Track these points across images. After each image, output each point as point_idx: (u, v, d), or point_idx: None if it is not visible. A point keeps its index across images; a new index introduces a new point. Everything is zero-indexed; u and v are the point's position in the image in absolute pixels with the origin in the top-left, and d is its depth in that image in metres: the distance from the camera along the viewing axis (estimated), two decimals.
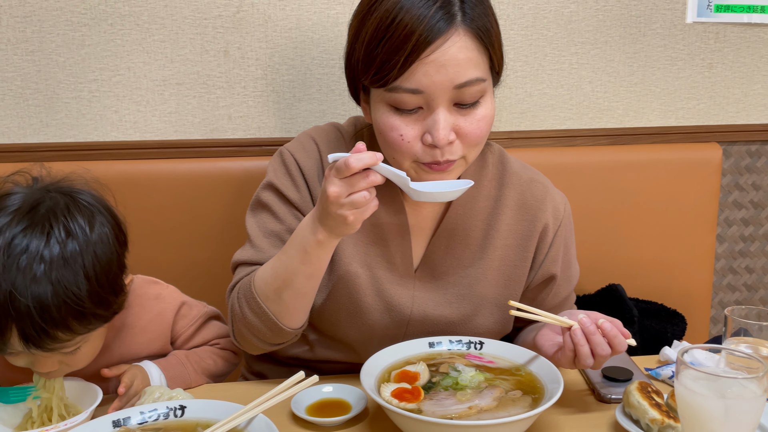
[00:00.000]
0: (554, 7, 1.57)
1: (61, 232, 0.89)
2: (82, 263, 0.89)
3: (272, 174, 1.12)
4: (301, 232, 0.97)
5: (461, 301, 1.11)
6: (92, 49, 1.46)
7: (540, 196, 1.14)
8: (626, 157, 1.62)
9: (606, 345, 0.94)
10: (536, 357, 0.99)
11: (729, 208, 1.75)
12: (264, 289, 1.00)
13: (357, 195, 0.88)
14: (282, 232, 1.09)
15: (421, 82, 0.93)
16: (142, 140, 1.51)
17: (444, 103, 0.95)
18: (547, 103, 1.62)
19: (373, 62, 0.95)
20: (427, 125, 0.95)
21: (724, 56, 1.66)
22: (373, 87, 0.98)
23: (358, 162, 0.85)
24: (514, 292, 1.14)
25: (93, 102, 1.48)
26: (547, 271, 1.14)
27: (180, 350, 1.11)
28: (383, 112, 0.98)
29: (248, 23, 1.48)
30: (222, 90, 1.51)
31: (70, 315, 0.88)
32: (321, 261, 0.98)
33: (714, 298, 1.79)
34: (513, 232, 1.12)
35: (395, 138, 0.97)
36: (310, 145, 1.12)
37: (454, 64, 0.93)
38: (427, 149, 0.97)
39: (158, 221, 1.48)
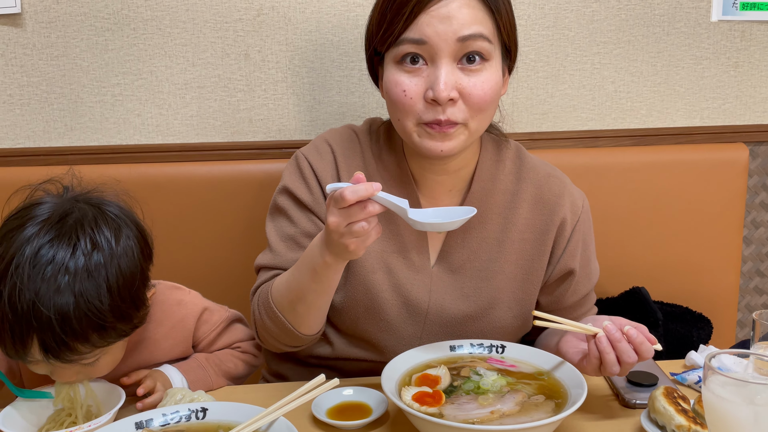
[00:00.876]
0: (576, 7, 1.55)
1: (87, 244, 0.90)
2: (106, 276, 0.90)
3: (287, 178, 1.15)
4: (311, 252, 0.98)
5: (478, 294, 1.11)
6: (115, 54, 1.47)
7: (558, 191, 1.14)
8: (650, 158, 1.59)
9: (632, 352, 0.93)
10: (559, 361, 0.98)
11: (756, 210, 1.72)
12: (280, 300, 1.04)
13: (356, 225, 0.88)
14: (297, 236, 1.12)
15: (425, 32, 0.97)
16: (164, 143, 1.52)
17: (447, 56, 0.98)
18: (569, 104, 1.61)
19: (384, 20, 1.01)
20: (430, 80, 0.99)
21: (751, 55, 1.62)
22: (384, 48, 1.02)
23: (353, 195, 0.86)
24: (533, 286, 1.14)
25: (116, 106, 1.50)
26: (565, 265, 1.14)
27: (201, 353, 1.12)
28: (391, 71, 1.02)
29: (269, 26, 1.49)
30: (243, 93, 1.52)
31: (90, 328, 0.89)
32: (330, 280, 0.99)
33: (741, 302, 1.76)
34: (530, 226, 1.13)
35: (399, 94, 1.00)
36: (324, 148, 1.14)
37: (459, 16, 0.97)
38: (429, 107, 0.99)
39: (180, 223, 1.49)
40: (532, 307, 1.15)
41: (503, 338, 1.13)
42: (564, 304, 1.17)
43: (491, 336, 1.12)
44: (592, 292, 1.21)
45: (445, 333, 1.12)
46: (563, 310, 1.18)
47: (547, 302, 1.17)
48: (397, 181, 1.12)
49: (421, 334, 1.12)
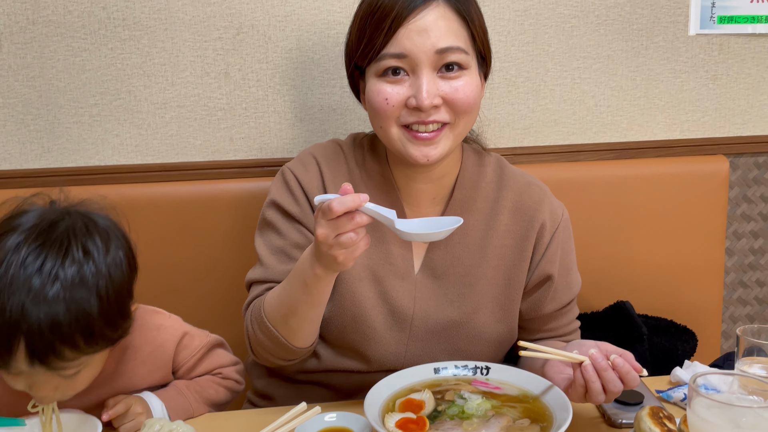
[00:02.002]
0: (555, 23, 1.56)
1: (79, 251, 0.90)
2: (96, 283, 0.90)
3: (274, 192, 1.17)
4: (301, 264, 0.99)
5: (462, 300, 1.13)
6: (93, 74, 1.45)
7: (537, 198, 1.17)
8: (632, 172, 1.60)
9: (618, 381, 0.93)
10: (545, 383, 0.97)
11: (738, 221, 1.73)
12: (272, 314, 1.05)
13: (344, 236, 0.89)
14: (286, 247, 1.13)
15: (404, 45, 1.01)
16: (143, 163, 1.50)
17: (427, 67, 1.02)
18: (550, 119, 1.61)
19: (363, 36, 1.04)
20: (412, 89, 1.02)
21: (729, 67, 1.64)
22: (365, 63, 1.05)
23: (340, 206, 0.87)
24: (515, 292, 1.15)
25: (94, 126, 1.48)
26: (543, 270, 1.15)
27: (180, 380, 1.10)
28: (373, 83, 1.05)
29: (248, 45, 1.48)
30: (223, 112, 1.50)
31: (79, 332, 0.88)
32: (321, 292, 1.00)
33: (725, 312, 1.77)
34: (511, 232, 1.15)
35: (380, 102, 1.03)
36: (309, 161, 1.16)
37: (435, 28, 1.01)
38: (413, 112, 1.02)
39: (161, 245, 1.47)
40: (516, 312, 1.16)
41: (489, 345, 1.14)
42: (543, 311, 1.18)
43: (477, 342, 1.13)
44: (574, 304, 1.22)
45: (431, 340, 1.13)
46: (543, 318, 1.19)
47: (527, 308, 1.18)
48: (381, 190, 1.14)
49: (407, 342, 1.13)
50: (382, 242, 1.13)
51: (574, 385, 0.95)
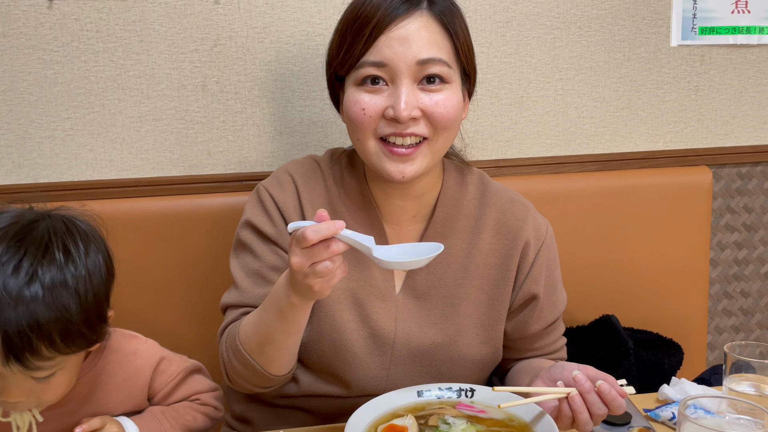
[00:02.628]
0: (537, 34, 1.55)
1: (59, 252, 0.89)
2: (76, 284, 0.89)
3: (249, 212, 1.12)
4: (277, 292, 0.95)
5: (445, 321, 1.10)
6: (65, 87, 1.41)
7: (521, 215, 1.14)
8: (615, 183, 1.59)
9: (602, 404, 0.91)
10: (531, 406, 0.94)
11: (721, 232, 1.72)
12: (248, 342, 1.01)
13: (319, 265, 0.85)
14: (262, 270, 1.09)
15: (384, 54, 0.98)
16: (118, 178, 1.46)
17: (408, 78, 0.98)
18: (533, 131, 1.59)
19: (344, 43, 1.01)
20: (390, 100, 0.99)
21: (711, 78, 1.64)
22: (345, 71, 1.02)
23: (315, 234, 0.83)
24: (499, 312, 1.12)
25: (67, 141, 1.44)
26: (528, 290, 1.12)
27: (156, 406, 1.06)
28: (352, 92, 1.02)
29: (226, 57, 1.45)
30: (200, 125, 1.47)
31: (57, 329, 0.87)
32: (298, 321, 0.97)
33: (710, 324, 1.76)
34: (494, 251, 1.12)
35: (357, 112, 1.00)
36: (285, 180, 1.13)
37: (417, 38, 0.98)
38: (389, 123, 0.99)
39: (137, 261, 1.43)
40: (500, 333, 1.13)
41: (472, 368, 1.10)
42: (529, 331, 1.15)
43: (460, 365, 1.10)
44: (560, 321, 1.19)
45: (413, 363, 1.10)
46: (529, 338, 1.16)
47: (512, 329, 1.15)
48: (360, 207, 1.11)
49: (389, 365, 1.09)
50: (361, 262, 1.09)
51: (561, 416, 0.92)
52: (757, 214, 1.73)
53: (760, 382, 1.02)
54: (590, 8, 1.55)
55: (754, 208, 1.72)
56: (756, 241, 1.74)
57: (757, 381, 1.02)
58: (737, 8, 1.61)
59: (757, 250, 1.75)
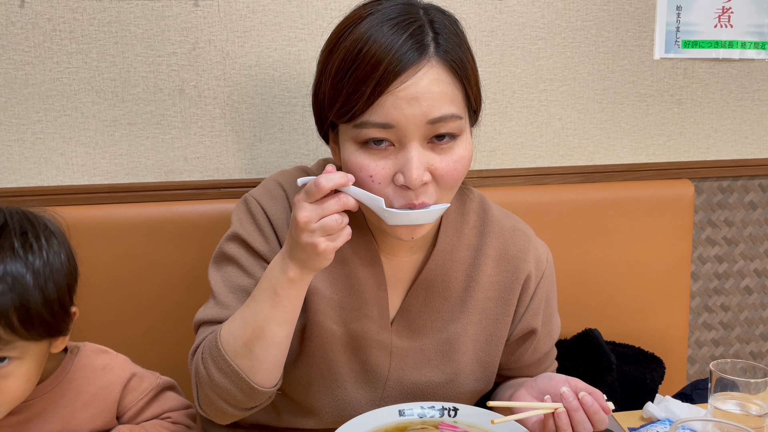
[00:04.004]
0: (522, 44, 1.53)
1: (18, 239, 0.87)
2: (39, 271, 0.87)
3: (237, 224, 1.03)
4: (270, 273, 0.89)
5: (442, 361, 1.04)
6: (36, 89, 1.36)
7: (522, 246, 1.07)
8: (598, 195, 1.58)
9: (588, 423, 0.89)
10: (516, 426, 0.92)
11: (702, 245, 1.72)
12: (232, 343, 0.91)
13: (329, 219, 0.82)
14: (250, 287, 0.99)
15: (391, 115, 0.85)
16: (90, 184, 1.41)
17: (417, 140, 0.87)
18: (516, 141, 1.58)
19: (339, 95, 0.88)
20: (399, 164, 0.87)
21: (693, 92, 1.64)
22: (341, 122, 0.91)
23: (328, 182, 0.80)
24: (496, 348, 1.07)
25: (37, 144, 1.39)
26: (527, 324, 1.07)
27: (125, 425, 1.01)
28: (352, 151, 0.89)
29: (205, 60, 1.41)
30: (177, 130, 1.43)
31: (14, 307, 0.84)
32: (294, 303, 0.89)
33: (690, 337, 1.76)
34: (495, 284, 1.05)
35: (365, 179, 0.88)
36: (277, 191, 1.04)
37: (428, 97, 0.86)
38: (399, 191, 0.88)
39: (109, 270, 1.38)
40: (495, 368, 1.09)
41: (464, 399, 1.06)
42: (523, 363, 1.12)
43: (453, 399, 1.04)
44: (552, 349, 1.16)
45: (405, 400, 1.04)
46: (522, 369, 1.13)
47: (506, 361, 1.11)
48: (355, 234, 0.98)
49: (380, 402, 1.04)
50: (356, 292, 1.02)
51: (545, 430, 0.90)
52: (737, 227, 1.73)
53: (745, 401, 1.00)
54: (575, 19, 1.55)
55: (735, 222, 1.73)
56: (736, 254, 1.75)
57: (742, 399, 1.01)
58: (720, 22, 1.61)
59: (737, 264, 1.75)
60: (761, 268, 1.77)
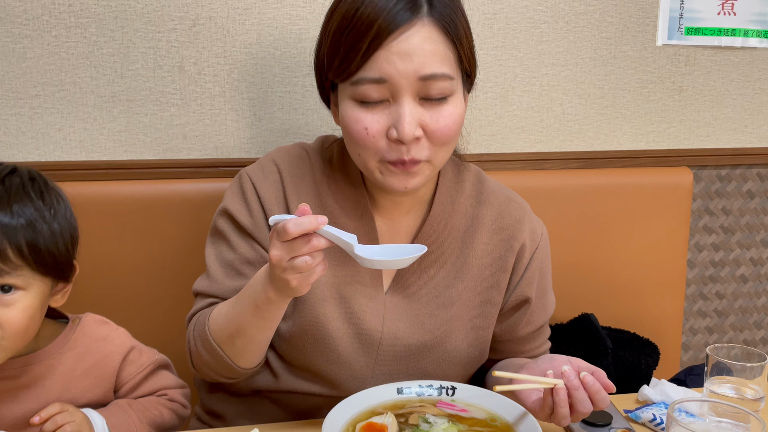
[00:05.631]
0: (525, 28, 1.52)
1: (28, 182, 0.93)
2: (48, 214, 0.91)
3: (228, 199, 1.08)
4: (254, 285, 0.92)
5: (434, 323, 1.06)
6: (34, 63, 1.35)
7: (518, 216, 1.10)
8: (597, 181, 1.58)
9: (588, 402, 0.89)
10: (514, 406, 0.92)
11: (699, 233, 1.73)
12: (218, 332, 0.98)
13: (298, 260, 0.83)
14: (236, 262, 1.05)
15: (384, 70, 0.91)
16: (88, 160, 1.40)
17: (409, 95, 0.92)
18: (517, 126, 1.57)
19: (338, 53, 0.93)
20: (392, 119, 0.93)
21: (695, 79, 1.64)
22: (339, 80, 0.96)
23: (296, 228, 0.81)
24: (490, 314, 1.09)
25: (34, 119, 1.37)
26: (521, 293, 1.10)
27: (122, 399, 1.02)
28: (349, 107, 0.95)
29: (205, 37, 1.40)
30: (176, 107, 1.42)
31: (24, 234, 0.88)
32: (273, 316, 0.94)
33: (685, 324, 1.77)
34: (489, 252, 1.08)
35: (359, 132, 0.94)
36: (270, 168, 1.08)
37: (419, 53, 0.91)
38: (393, 145, 0.94)
39: (106, 247, 1.37)
40: (490, 335, 1.10)
41: (459, 368, 1.07)
42: (517, 335, 1.13)
43: (446, 365, 1.07)
44: (546, 325, 1.17)
45: (398, 363, 1.06)
46: (516, 341, 1.14)
47: (500, 331, 1.12)
48: (351, 201, 1.06)
49: (374, 366, 1.06)
50: (348, 259, 1.03)
51: (543, 406, 0.91)
52: (735, 216, 1.74)
53: (740, 385, 1.01)
54: (578, 4, 1.54)
55: (732, 211, 1.73)
56: (733, 243, 1.75)
57: (737, 383, 1.02)
58: (723, 10, 1.61)
59: (733, 253, 1.76)
60: (757, 257, 1.77)
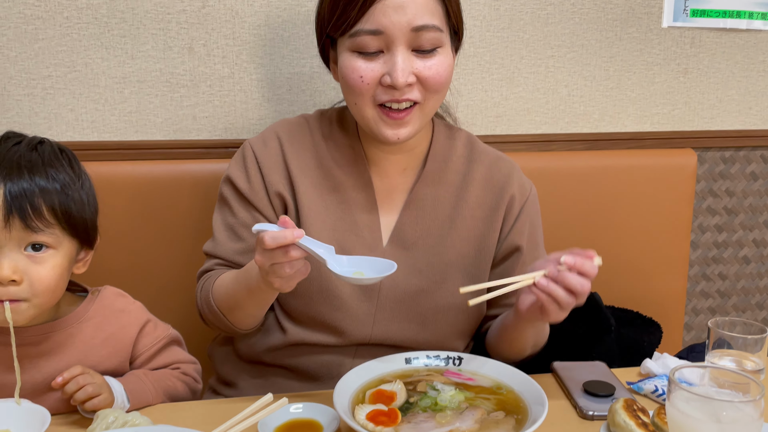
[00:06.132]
0: (531, 9, 1.53)
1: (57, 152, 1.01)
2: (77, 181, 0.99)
3: (231, 166, 1.17)
4: (250, 269, 1.01)
5: (430, 269, 1.13)
6: (46, 44, 1.37)
7: (507, 172, 1.18)
8: (602, 163, 1.59)
9: (576, 277, 0.93)
10: (518, 374, 0.95)
11: (703, 215, 1.74)
12: (220, 301, 1.09)
13: (277, 267, 0.90)
14: (236, 226, 1.14)
15: (380, 22, 1.00)
16: (100, 141, 1.43)
17: (403, 45, 1.01)
18: (523, 107, 1.59)
19: (337, 8, 1.03)
20: (387, 67, 1.02)
21: (700, 61, 1.64)
22: (338, 35, 1.04)
23: (273, 242, 0.88)
24: (485, 263, 1.16)
25: (47, 99, 1.40)
26: (512, 242, 1.17)
27: (138, 369, 1.05)
28: (347, 58, 1.04)
29: (214, 19, 1.41)
30: (186, 89, 1.44)
31: (57, 197, 0.94)
32: (265, 299, 1.04)
33: (688, 305, 1.79)
34: (481, 204, 1.16)
35: (356, 80, 1.03)
36: (270, 138, 1.16)
37: (412, 6, 1.00)
38: (387, 90, 1.02)
39: (118, 226, 1.39)
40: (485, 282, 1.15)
41: (458, 316, 1.13)
42: None
43: (445, 312, 1.12)
44: None
45: (398, 309, 1.12)
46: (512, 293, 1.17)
47: (494, 280, 1.16)
48: (349, 161, 1.14)
49: (375, 311, 1.12)
50: (348, 215, 1.13)
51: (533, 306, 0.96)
52: (738, 198, 1.75)
53: (741, 358, 1.03)
54: None
55: (736, 192, 1.75)
56: (736, 224, 1.77)
57: (738, 356, 1.04)
58: None
59: (736, 234, 1.77)
60: (760, 239, 1.79)
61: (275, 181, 1.12)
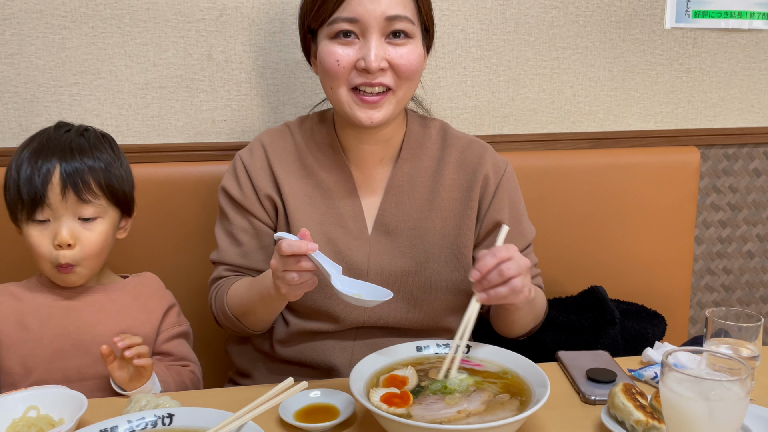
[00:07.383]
0: (536, 12, 1.59)
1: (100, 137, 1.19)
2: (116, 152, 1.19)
3: (225, 178, 1.26)
4: (263, 280, 1.09)
5: (413, 250, 1.20)
6: (73, 52, 1.44)
7: (479, 153, 1.25)
8: (607, 161, 1.64)
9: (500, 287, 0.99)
10: (524, 361, 1.00)
11: (707, 210, 1.79)
12: (233, 307, 1.18)
13: (288, 274, 0.98)
14: (234, 231, 1.23)
15: (356, 10, 1.08)
16: (123, 144, 1.47)
17: (377, 32, 1.09)
18: (529, 108, 1.64)
19: (317, 1, 1.11)
20: (361, 52, 1.10)
21: (702, 61, 1.69)
22: (318, 25, 1.13)
23: (288, 248, 0.96)
24: (465, 240, 1.22)
25: (74, 105, 1.47)
26: (492, 218, 1.23)
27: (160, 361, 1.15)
28: (325, 45, 1.12)
29: (232, 26, 1.48)
30: (206, 93, 1.50)
31: (103, 174, 1.13)
32: (276, 306, 1.13)
33: (693, 299, 1.83)
34: (456, 186, 1.23)
35: (332, 64, 1.11)
36: (256, 147, 1.25)
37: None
38: (361, 74, 1.10)
39: (140, 226, 1.45)
40: (469, 259, 1.22)
41: (445, 293, 1.20)
42: None
43: (434, 290, 1.19)
44: (530, 252, 1.28)
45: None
46: None
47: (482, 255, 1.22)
48: (328, 154, 1.22)
49: None
50: (333, 205, 1.20)
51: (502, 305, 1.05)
52: (741, 194, 1.79)
53: (737, 345, 1.08)
54: None
55: (739, 188, 1.79)
56: (739, 220, 1.81)
57: (735, 344, 1.08)
58: None
59: (740, 229, 1.81)
60: (763, 234, 1.83)
61: (263, 185, 1.20)
